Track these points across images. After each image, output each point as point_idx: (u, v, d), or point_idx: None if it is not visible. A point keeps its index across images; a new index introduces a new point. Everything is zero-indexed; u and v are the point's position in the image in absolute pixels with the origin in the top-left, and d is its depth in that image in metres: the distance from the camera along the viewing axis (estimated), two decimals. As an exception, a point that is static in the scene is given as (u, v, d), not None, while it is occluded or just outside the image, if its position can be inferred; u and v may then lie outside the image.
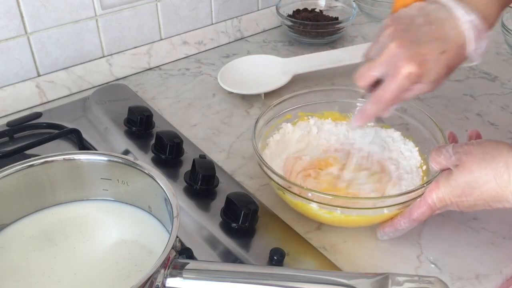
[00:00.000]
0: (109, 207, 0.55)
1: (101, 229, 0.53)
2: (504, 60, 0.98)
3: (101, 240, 0.52)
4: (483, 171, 0.52)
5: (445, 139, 0.62)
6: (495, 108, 0.84)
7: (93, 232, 0.53)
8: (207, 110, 0.84)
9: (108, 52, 0.89)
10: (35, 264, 0.50)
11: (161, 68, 0.95)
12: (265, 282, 0.46)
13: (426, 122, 0.67)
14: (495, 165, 0.52)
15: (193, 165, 0.65)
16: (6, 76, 0.81)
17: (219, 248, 0.59)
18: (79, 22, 0.84)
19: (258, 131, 0.65)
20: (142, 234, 0.53)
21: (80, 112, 0.81)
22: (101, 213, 0.55)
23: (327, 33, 1.01)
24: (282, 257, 0.55)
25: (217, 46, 1.02)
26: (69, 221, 0.54)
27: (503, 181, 0.51)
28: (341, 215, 0.58)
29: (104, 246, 0.52)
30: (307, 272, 0.47)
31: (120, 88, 0.87)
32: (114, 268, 0.49)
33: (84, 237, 0.52)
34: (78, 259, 0.50)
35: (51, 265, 0.50)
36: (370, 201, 0.58)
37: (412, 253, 0.60)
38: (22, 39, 0.80)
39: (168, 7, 0.93)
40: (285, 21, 1.02)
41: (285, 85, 0.87)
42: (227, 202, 0.60)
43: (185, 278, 0.45)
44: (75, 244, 0.52)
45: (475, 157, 0.54)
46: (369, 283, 0.44)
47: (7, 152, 0.69)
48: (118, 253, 0.51)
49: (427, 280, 0.44)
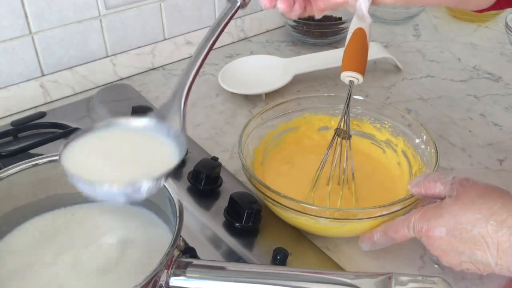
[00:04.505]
0: (112, 208, 0.55)
1: (105, 229, 0.54)
2: (508, 61, 0.98)
3: (104, 241, 0.52)
4: (476, 207, 0.49)
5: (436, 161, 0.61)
6: (499, 109, 0.84)
7: (97, 232, 0.53)
8: (211, 110, 0.84)
9: (112, 52, 0.89)
10: (39, 264, 0.50)
11: (164, 68, 0.95)
12: (269, 282, 0.46)
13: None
14: (492, 204, 0.48)
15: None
16: (11, 75, 0.81)
17: (222, 248, 0.59)
18: (83, 22, 0.84)
19: (244, 142, 0.65)
20: (145, 235, 0.53)
21: (84, 112, 0.81)
22: (104, 213, 0.55)
23: (330, 33, 1.01)
24: (285, 256, 0.55)
25: (221, 46, 1.02)
26: (72, 222, 0.54)
27: (494, 225, 0.48)
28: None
29: (107, 247, 0.52)
30: (310, 272, 0.47)
31: (123, 88, 0.87)
32: (116, 268, 0.49)
33: (87, 238, 0.53)
34: (81, 259, 0.50)
35: (55, 265, 0.50)
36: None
37: (415, 253, 0.60)
38: (27, 39, 0.80)
39: (171, 7, 0.93)
40: (288, 21, 1.02)
41: (286, 85, 0.86)
42: (230, 202, 0.60)
43: (188, 277, 0.46)
44: (79, 244, 0.52)
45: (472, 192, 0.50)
46: (373, 283, 0.44)
47: (11, 152, 0.69)
48: (121, 253, 0.51)
49: (430, 280, 0.44)
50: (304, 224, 0.59)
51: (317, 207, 0.57)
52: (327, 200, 0.63)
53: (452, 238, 0.50)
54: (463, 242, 0.49)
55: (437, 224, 0.51)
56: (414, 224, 0.53)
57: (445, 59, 0.98)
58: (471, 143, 0.77)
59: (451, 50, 1.01)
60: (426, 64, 0.96)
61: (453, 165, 0.73)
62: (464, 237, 0.49)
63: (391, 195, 0.64)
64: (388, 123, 0.71)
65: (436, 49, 1.01)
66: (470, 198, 0.50)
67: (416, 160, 0.66)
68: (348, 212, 0.57)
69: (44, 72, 0.84)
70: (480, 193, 0.50)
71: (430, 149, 0.64)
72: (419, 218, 0.52)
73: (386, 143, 0.71)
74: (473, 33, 1.07)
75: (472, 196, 0.50)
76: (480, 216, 0.48)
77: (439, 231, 0.50)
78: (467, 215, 0.49)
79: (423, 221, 0.52)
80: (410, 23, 1.11)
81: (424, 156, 0.65)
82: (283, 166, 0.69)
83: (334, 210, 0.58)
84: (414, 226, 0.53)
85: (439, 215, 0.51)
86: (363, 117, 0.72)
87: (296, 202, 0.57)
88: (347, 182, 0.64)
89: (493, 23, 1.10)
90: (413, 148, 0.67)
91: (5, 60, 0.79)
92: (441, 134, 0.78)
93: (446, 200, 0.52)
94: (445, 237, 0.50)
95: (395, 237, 0.55)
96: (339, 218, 0.57)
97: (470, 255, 0.50)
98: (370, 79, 0.90)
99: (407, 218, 0.54)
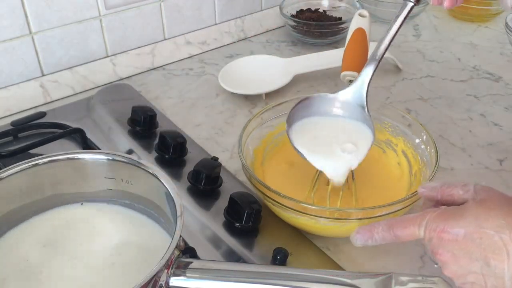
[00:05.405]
0: (112, 209, 0.56)
1: (104, 229, 0.54)
2: (508, 61, 0.98)
3: (104, 241, 0.52)
4: (501, 213, 0.46)
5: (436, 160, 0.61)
6: (499, 109, 0.84)
7: (96, 233, 0.53)
8: (211, 110, 0.84)
9: (112, 52, 0.89)
10: (38, 265, 0.50)
11: (164, 68, 0.95)
12: (269, 282, 0.46)
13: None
14: None
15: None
16: (11, 75, 0.81)
17: (222, 248, 0.59)
18: (83, 22, 0.84)
19: (244, 142, 0.65)
20: (145, 235, 0.53)
21: (84, 112, 0.81)
22: (104, 213, 0.55)
23: (330, 33, 1.01)
24: (285, 256, 0.55)
25: (221, 46, 1.02)
26: (72, 223, 0.54)
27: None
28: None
29: (107, 247, 0.52)
30: (310, 272, 0.47)
31: (123, 88, 0.87)
32: (117, 268, 0.49)
33: (87, 238, 0.53)
34: (80, 260, 0.50)
35: (54, 265, 0.50)
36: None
37: (415, 253, 0.60)
38: (27, 39, 0.80)
39: (171, 7, 0.93)
40: (288, 21, 1.02)
41: (286, 85, 0.86)
42: (230, 202, 0.60)
43: (188, 277, 0.45)
44: (78, 245, 0.52)
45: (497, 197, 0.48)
46: (373, 282, 0.44)
47: (11, 152, 0.69)
48: (121, 253, 0.51)
49: (430, 280, 0.44)
50: (304, 224, 0.59)
51: (317, 207, 0.57)
52: (327, 200, 0.63)
53: (470, 242, 0.46)
54: (481, 248, 0.46)
55: (456, 224, 0.47)
56: (427, 222, 0.48)
57: (445, 59, 0.98)
58: (471, 143, 0.77)
59: (451, 50, 1.01)
60: (426, 64, 0.96)
61: (453, 165, 0.73)
62: (483, 242, 0.46)
63: (391, 195, 0.64)
64: (388, 123, 0.71)
65: (436, 49, 1.01)
66: (496, 203, 0.47)
67: (416, 160, 0.66)
68: (348, 212, 0.57)
69: (44, 72, 0.84)
70: (506, 201, 0.48)
71: (430, 149, 0.64)
72: (435, 217, 0.48)
73: (386, 143, 0.71)
74: (473, 33, 1.07)
75: (498, 202, 0.47)
76: (505, 222, 0.46)
77: (456, 232, 0.47)
78: (491, 220, 0.46)
79: (440, 220, 0.48)
80: (410, 23, 1.11)
81: (424, 156, 0.65)
82: (283, 166, 0.69)
83: (334, 210, 0.58)
84: (428, 224, 0.48)
85: (459, 216, 0.47)
86: None
87: (296, 202, 0.57)
88: (347, 182, 0.64)
89: (493, 23, 1.10)
90: (413, 148, 0.67)
91: (5, 60, 0.79)
92: (441, 134, 0.78)
93: (469, 203, 0.48)
94: (462, 240, 0.47)
95: (400, 235, 0.50)
96: (339, 218, 0.57)
97: (483, 265, 0.46)
98: (370, 79, 0.90)
99: (419, 216, 0.49)
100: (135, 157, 0.54)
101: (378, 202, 0.57)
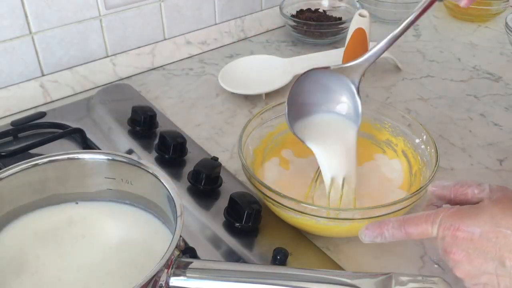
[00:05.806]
0: (112, 208, 0.55)
1: (104, 229, 0.54)
2: (508, 61, 0.98)
3: (104, 241, 0.52)
4: None
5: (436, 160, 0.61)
6: (499, 109, 0.84)
7: (96, 233, 0.53)
8: (211, 110, 0.84)
9: (112, 52, 0.89)
10: (37, 263, 0.50)
11: (164, 68, 0.95)
12: (269, 282, 0.46)
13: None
14: None
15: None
16: (10, 75, 0.81)
17: (222, 248, 0.59)
18: (83, 22, 0.84)
19: (244, 142, 0.65)
20: (145, 235, 0.53)
21: (84, 112, 0.81)
22: (103, 213, 0.55)
23: (330, 33, 1.01)
24: (285, 256, 0.55)
25: (221, 46, 1.02)
26: (72, 221, 0.54)
27: None
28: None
29: (107, 247, 0.52)
30: (310, 272, 0.47)
31: (123, 88, 0.87)
32: (116, 268, 0.49)
33: (86, 238, 0.53)
34: (80, 260, 0.50)
35: (53, 264, 0.50)
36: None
37: (415, 253, 0.60)
38: (26, 39, 0.80)
39: (171, 7, 0.93)
40: (288, 21, 1.02)
41: (286, 85, 0.86)
42: (230, 202, 0.60)
43: (188, 277, 0.45)
44: (78, 244, 0.52)
45: None
46: (373, 282, 0.44)
47: (11, 151, 0.69)
48: (121, 253, 0.51)
49: (430, 280, 0.44)
50: (304, 224, 0.59)
51: (317, 207, 0.57)
52: (327, 200, 0.63)
53: (486, 241, 0.45)
54: (496, 248, 0.45)
55: (472, 223, 0.46)
56: (442, 220, 0.47)
57: (445, 59, 0.98)
58: (471, 143, 0.77)
59: (451, 50, 1.01)
60: (426, 64, 0.96)
61: (453, 165, 0.73)
62: (500, 241, 0.45)
63: (391, 195, 0.65)
64: (388, 123, 0.71)
65: (436, 49, 1.01)
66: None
67: (416, 160, 0.66)
68: (348, 212, 0.57)
69: (44, 72, 0.84)
70: None
71: (430, 149, 0.64)
72: (449, 215, 0.47)
73: (386, 143, 0.71)
74: (473, 33, 1.07)
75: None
76: None
77: (472, 231, 0.46)
78: (508, 219, 0.45)
79: (455, 218, 0.47)
80: (410, 23, 1.11)
81: (424, 156, 0.65)
82: (283, 166, 0.69)
83: (334, 210, 0.58)
84: (442, 222, 0.47)
85: (475, 215, 0.46)
86: (363, 117, 0.72)
87: (296, 202, 0.57)
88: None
89: (493, 23, 1.10)
90: (413, 148, 0.67)
91: (5, 60, 0.79)
92: (441, 134, 0.78)
93: (485, 202, 0.47)
94: (477, 239, 0.46)
95: (412, 233, 0.49)
96: (339, 218, 0.57)
97: (498, 265, 0.45)
98: (370, 79, 0.90)
99: (432, 214, 0.48)
100: (135, 157, 0.54)
101: (378, 202, 0.57)
